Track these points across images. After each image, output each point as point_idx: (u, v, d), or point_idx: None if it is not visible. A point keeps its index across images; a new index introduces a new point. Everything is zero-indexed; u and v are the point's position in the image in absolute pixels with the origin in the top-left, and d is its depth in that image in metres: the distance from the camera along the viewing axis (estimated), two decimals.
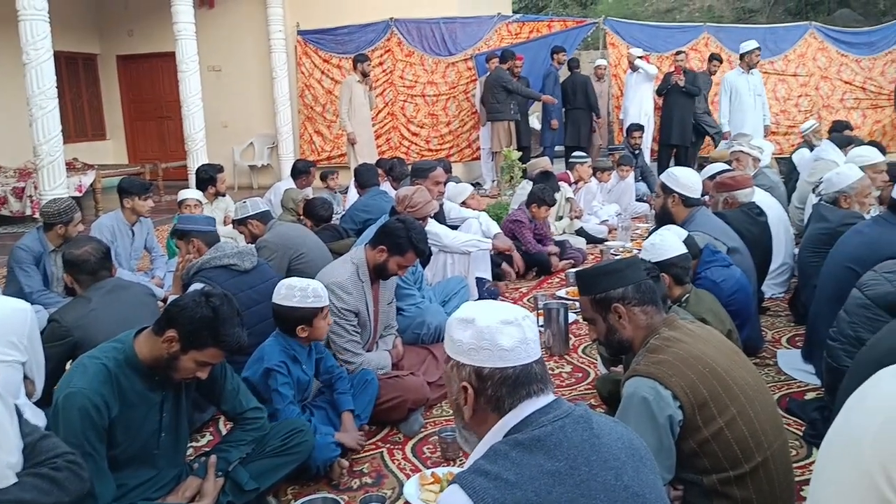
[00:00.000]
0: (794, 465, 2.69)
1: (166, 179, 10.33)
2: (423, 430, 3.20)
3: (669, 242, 3.00)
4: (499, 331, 1.42)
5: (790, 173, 6.86)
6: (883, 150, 5.21)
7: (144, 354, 2.24)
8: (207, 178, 6.11)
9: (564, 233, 6.81)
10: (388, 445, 3.09)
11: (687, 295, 3.00)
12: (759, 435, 2.03)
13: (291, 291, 2.83)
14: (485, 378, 1.42)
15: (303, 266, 3.99)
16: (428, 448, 3.06)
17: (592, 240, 6.85)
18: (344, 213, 6.12)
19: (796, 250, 4.70)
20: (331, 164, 10.15)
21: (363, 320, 3.28)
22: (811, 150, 6.65)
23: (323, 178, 7.38)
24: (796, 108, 10.50)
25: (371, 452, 3.03)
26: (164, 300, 4.48)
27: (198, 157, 8.35)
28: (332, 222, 5.48)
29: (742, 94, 9.02)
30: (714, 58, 9.90)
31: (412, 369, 3.43)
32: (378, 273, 3.32)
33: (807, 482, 2.50)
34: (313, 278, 3.08)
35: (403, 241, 3.24)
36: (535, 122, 10.99)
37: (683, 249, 3.02)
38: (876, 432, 1.56)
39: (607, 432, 1.42)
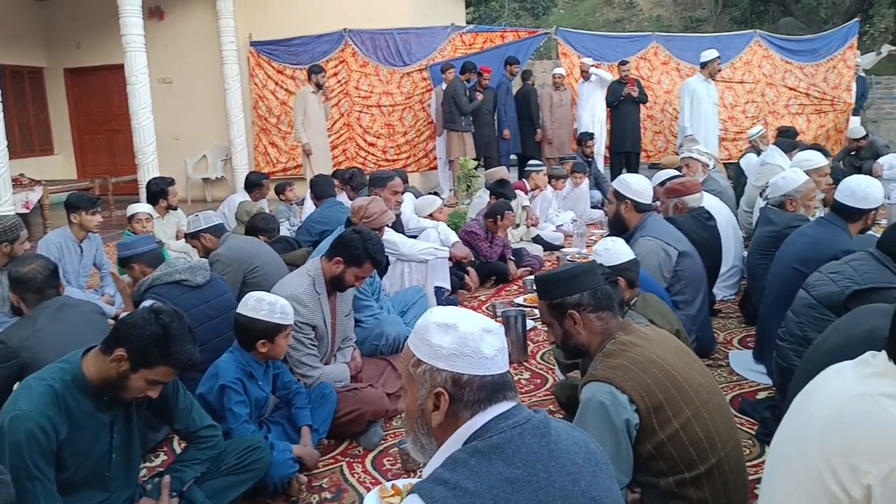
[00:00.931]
0: (748, 464, 2.74)
1: (117, 194, 10.11)
2: (382, 441, 3.17)
3: (620, 247, 3.05)
4: (482, 338, 1.42)
5: (738, 178, 7.03)
6: (826, 154, 5.38)
7: (92, 374, 2.18)
8: (158, 191, 6.00)
9: (521, 240, 6.87)
10: (347, 459, 3.06)
11: (635, 299, 3.05)
12: (714, 436, 2.06)
13: (260, 304, 2.80)
14: (463, 385, 1.41)
15: (258, 279, 3.93)
16: (388, 460, 3.04)
17: (549, 247, 6.93)
18: (300, 224, 6.07)
19: (745, 253, 4.81)
20: (286, 176, 10.06)
21: (320, 333, 3.25)
22: (758, 154, 6.82)
23: (278, 190, 7.31)
24: (743, 115, 10.77)
25: (330, 467, 3.00)
26: (116, 317, 4.38)
27: (149, 170, 8.19)
28: (286, 234, 5.43)
29: (702, 100, 9.26)
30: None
31: (371, 381, 3.41)
32: (335, 285, 3.30)
33: (760, 481, 2.55)
34: (269, 291, 3.04)
35: (360, 252, 3.22)
36: None
37: (632, 254, 3.08)
38: (822, 429, 1.60)
39: (565, 438, 1.43)
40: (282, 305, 2.81)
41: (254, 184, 6.92)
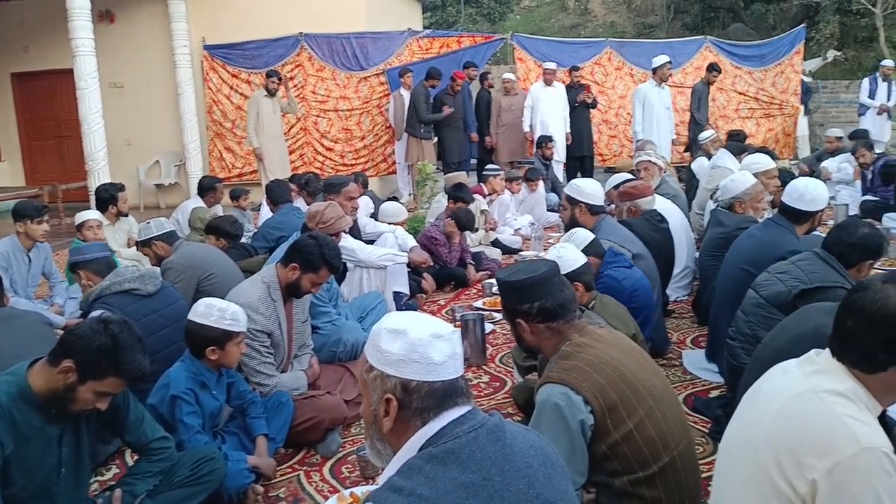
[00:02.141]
0: (701, 461, 2.79)
1: (67, 201, 9.84)
2: (341, 449, 3.15)
3: (572, 253, 3.08)
4: (430, 344, 1.41)
5: (690, 181, 7.17)
6: (774, 157, 5.51)
7: (39, 386, 2.12)
8: (108, 197, 5.87)
9: (480, 244, 6.90)
10: (304, 468, 3.03)
11: (593, 302, 3.08)
12: (667, 435, 2.10)
13: (209, 310, 2.76)
14: (411, 391, 1.40)
15: (212, 287, 3.87)
16: (346, 468, 3.02)
17: (507, 250, 6.97)
18: (256, 231, 6.00)
19: (698, 254, 4.91)
20: (242, 181, 9.94)
21: (276, 340, 3.21)
22: (709, 158, 6.97)
23: (234, 196, 7.21)
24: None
25: (287, 476, 2.96)
26: (65, 328, 4.26)
27: (99, 176, 8.01)
28: (242, 240, 5.36)
29: (654, 105, 9.45)
30: (713, 68, 9.96)
31: (329, 388, 3.38)
32: (291, 291, 3.26)
33: (713, 478, 2.60)
34: (224, 299, 3.00)
35: (316, 257, 3.19)
36: None
37: (585, 259, 3.11)
38: (768, 425, 1.65)
39: (520, 441, 1.44)
40: (232, 312, 2.77)
41: (207, 187, 6.82)
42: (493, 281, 4.54)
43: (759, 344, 2.69)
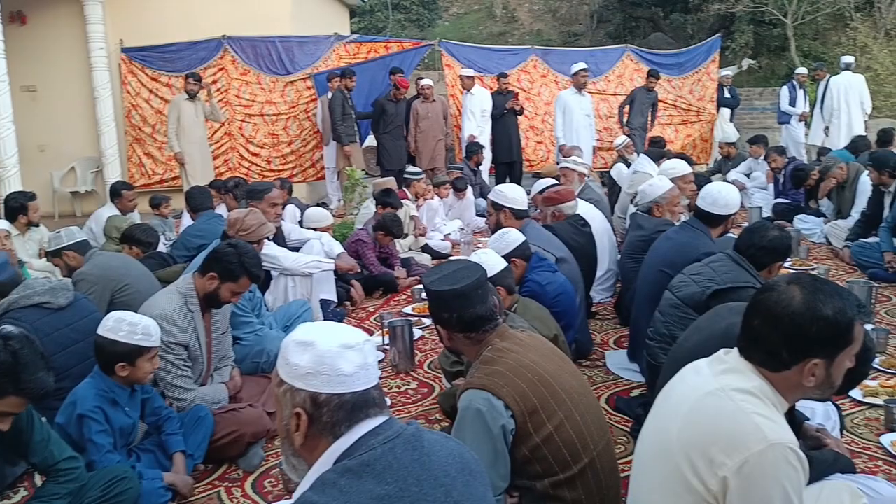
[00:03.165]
0: (622, 460, 2.86)
1: None
2: (264, 463, 3.08)
3: (493, 258, 3.10)
4: (340, 355, 1.38)
5: (613, 186, 7.34)
6: (691, 162, 5.71)
7: None
8: (17, 206, 5.59)
9: (410, 250, 6.88)
10: (225, 483, 2.95)
11: (515, 304, 3.11)
12: (586, 437, 2.13)
13: (119, 325, 2.65)
14: (321, 404, 1.38)
15: (127, 298, 3.72)
16: (270, 482, 2.95)
17: (437, 255, 6.97)
18: (177, 239, 5.81)
19: (620, 257, 5.03)
20: (163, 188, 9.65)
21: (194, 353, 3.10)
22: (627, 164, 7.16)
23: (155, 204, 6.98)
24: (618, 125, 11.28)
25: (207, 492, 2.87)
26: None
27: (10, 184, 7.62)
28: (161, 249, 5.18)
29: (574, 112, 9.67)
30: (651, 74, 10.35)
31: (251, 401, 3.30)
32: (209, 302, 3.16)
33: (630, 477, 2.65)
34: (138, 312, 2.89)
35: (235, 266, 3.10)
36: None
37: (505, 263, 3.12)
38: (680, 426, 1.68)
39: (438, 449, 1.43)
40: (144, 326, 2.67)
41: (113, 192, 6.62)
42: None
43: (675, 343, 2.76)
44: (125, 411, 2.70)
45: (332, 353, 1.38)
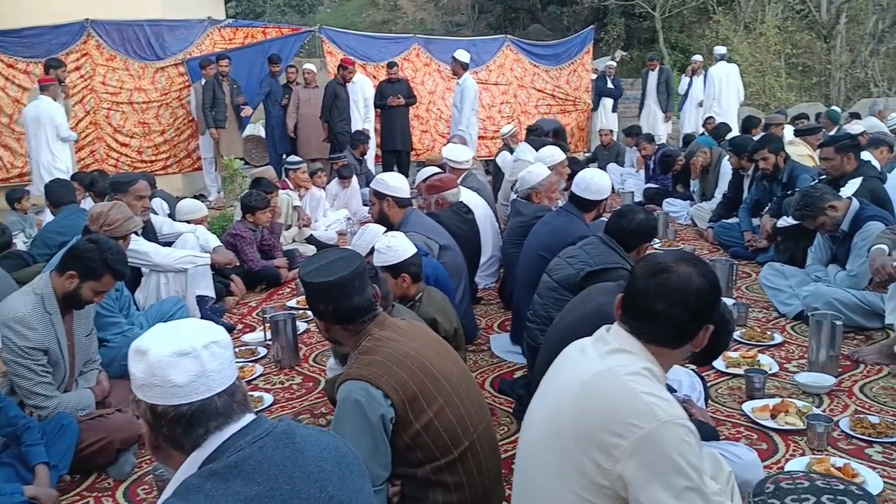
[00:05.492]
0: (504, 441, 2.93)
1: None
2: (136, 469, 2.93)
3: (402, 243, 3.07)
4: (172, 364, 1.31)
5: (496, 174, 7.47)
6: (565, 149, 5.88)
7: None
8: None
9: (294, 241, 6.73)
10: (95, 493, 2.78)
11: (420, 293, 3.10)
12: (465, 420, 2.15)
13: None
14: (159, 415, 1.32)
15: None
16: (143, 489, 2.81)
17: (322, 246, 6.83)
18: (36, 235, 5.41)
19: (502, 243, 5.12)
20: (23, 182, 8.94)
21: (54, 358, 2.89)
22: (511, 152, 7.30)
23: (12, 199, 6.46)
24: (499, 115, 11.49)
25: None
26: None
27: None
28: (19, 248, 4.81)
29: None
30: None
31: (120, 405, 3.10)
32: (69, 302, 2.95)
33: (515, 457, 2.71)
34: None
35: (97, 263, 2.90)
36: (260, 130, 10.70)
37: (414, 249, 3.10)
38: (571, 412, 1.66)
39: (312, 445, 1.40)
40: None
41: None
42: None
43: None
44: None
45: (164, 363, 1.31)
